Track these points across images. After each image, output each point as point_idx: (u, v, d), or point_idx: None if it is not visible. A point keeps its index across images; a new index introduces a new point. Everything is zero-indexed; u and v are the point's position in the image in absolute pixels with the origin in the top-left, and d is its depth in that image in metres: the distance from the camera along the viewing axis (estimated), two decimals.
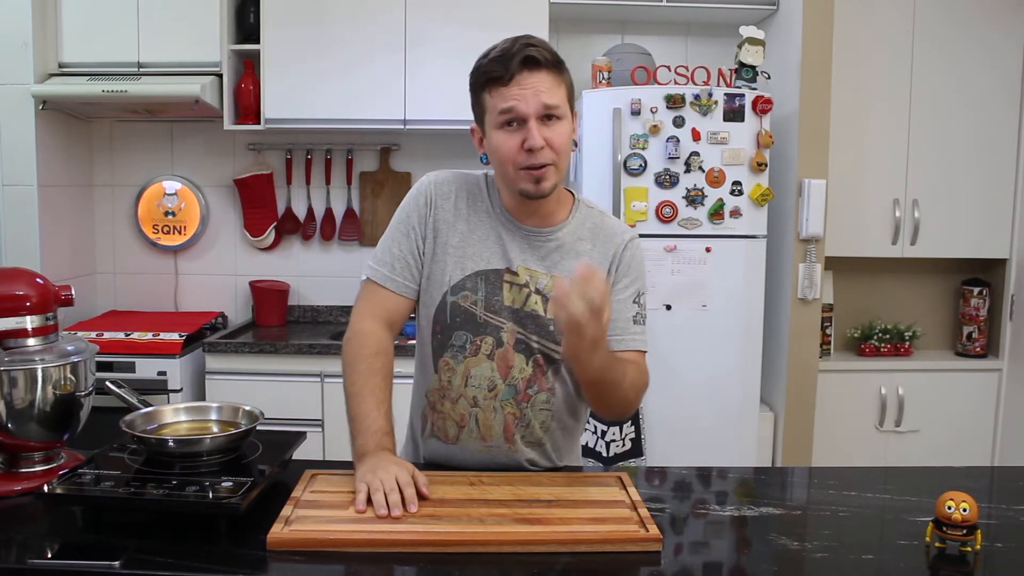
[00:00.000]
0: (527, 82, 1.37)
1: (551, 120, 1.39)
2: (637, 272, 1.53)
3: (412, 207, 1.51)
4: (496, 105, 1.39)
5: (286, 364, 2.99)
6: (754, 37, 2.94)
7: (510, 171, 1.41)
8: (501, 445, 1.49)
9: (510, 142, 1.39)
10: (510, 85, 1.37)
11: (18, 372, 1.36)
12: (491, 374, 1.47)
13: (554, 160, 1.39)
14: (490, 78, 1.39)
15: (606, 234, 1.52)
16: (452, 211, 1.50)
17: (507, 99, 1.37)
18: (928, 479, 1.55)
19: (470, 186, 1.53)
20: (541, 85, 1.37)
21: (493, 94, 1.40)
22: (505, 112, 1.38)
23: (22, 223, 3.04)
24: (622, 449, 2.88)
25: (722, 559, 1.21)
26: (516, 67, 1.36)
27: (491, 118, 1.41)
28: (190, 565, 1.09)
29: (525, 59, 1.36)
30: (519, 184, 1.41)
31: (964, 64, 3.26)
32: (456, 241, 1.48)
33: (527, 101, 1.36)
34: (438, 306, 1.48)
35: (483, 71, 1.41)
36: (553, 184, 1.41)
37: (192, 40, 3.11)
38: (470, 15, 3.12)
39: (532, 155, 1.37)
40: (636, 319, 1.51)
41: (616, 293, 1.50)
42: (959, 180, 3.30)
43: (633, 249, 1.53)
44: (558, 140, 1.39)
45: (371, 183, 3.52)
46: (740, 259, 2.93)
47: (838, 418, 3.28)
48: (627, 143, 2.86)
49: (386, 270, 1.49)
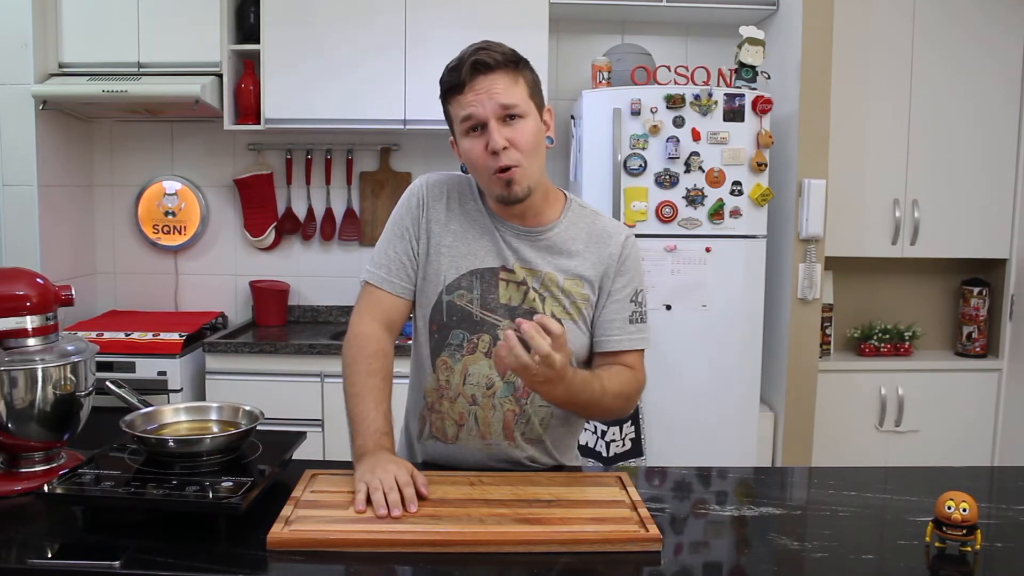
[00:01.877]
0: (480, 86, 1.38)
1: (513, 120, 1.39)
2: (635, 270, 1.53)
3: (405, 210, 1.53)
4: (457, 113, 1.41)
5: (286, 364, 2.99)
6: (754, 37, 2.94)
7: (484, 177, 1.43)
8: (501, 443, 1.49)
9: (476, 148, 1.40)
10: (465, 92, 1.39)
11: (18, 372, 1.36)
12: (489, 372, 1.47)
13: (519, 160, 1.39)
14: (449, 87, 1.41)
15: (601, 235, 1.52)
16: (445, 211, 1.51)
17: (465, 106, 1.39)
18: (928, 479, 1.55)
19: (462, 187, 1.54)
20: (495, 86, 1.38)
21: (453, 103, 1.42)
22: (466, 120, 1.40)
23: (22, 223, 3.04)
24: (622, 449, 2.88)
25: (722, 559, 1.21)
26: (467, 73, 1.38)
27: (457, 127, 1.43)
28: (190, 565, 1.09)
29: (474, 64, 1.38)
30: (493, 189, 1.43)
31: (964, 64, 3.26)
32: (450, 241, 1.49)
33: (483, 105, 1.38)
34: (434, 305, 1.49)
35: (443, 82, 1.43)
36: (526, 186, 1.41)
37: (192, 40, 3.11)
38: (470, 15, 3.12)
39: (496, 157, 1.38)
40: (633, 318, 1.51)
41: (614, 293, 1.50)
42: (959, 180, 3.31)
43: (630, 247, 1.53)
44: (521, 139, 1.39)
45: (371, 183, 3.52)
46: (740, 259, 2.93)
47: (838, 418, 3.28)
48: (627, 143, 2.86)
49: (383, 272, 1.50)
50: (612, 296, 1.50)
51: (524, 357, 1.24)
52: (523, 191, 1.41)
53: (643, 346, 1.52)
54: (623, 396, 1.46)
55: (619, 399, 1.45)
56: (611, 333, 1.50)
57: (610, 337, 1.50)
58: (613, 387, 1.43)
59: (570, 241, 1.50)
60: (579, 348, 1.49)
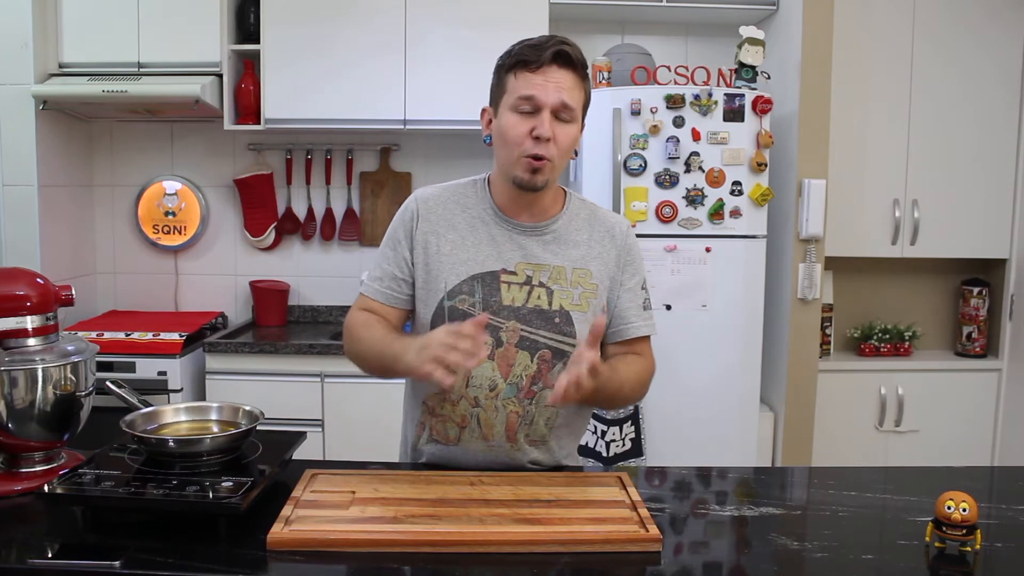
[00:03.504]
0: (554, 75, 1.40)
1: (563, 120, 1.42)
2: (639, 260, 1.59)
3: (398, 223, 1.55)
4: (518, 88, 1.41)
5: (286, 364, 2.99)
6: (754, 37, 2.94)
7: (512, 154, 1.43)
8: (503, 444, 1.49)
9: (520, 127, 1.41)
10: (537, 73, 1.40)
11: (18, 372, 1.36)
12: (492, 374, 1.47)
13: (554, 156, 1.42)
14: (520, 60, 1.42)
15: (603, 225, 1.57)
16: (439, 222, 1.52)
17: (531, 85, 1.40)
18: (928, 479, 1.55)
19: (459, 195, 1.55)
20: (565, 82, 1.41)
21: (519, 76, 1.42)
22: (525, 98, 1.40)
23: (22, 223, 3.04)
24: (622, 449, 2.88)
25: (722, 559, 1.21)
26: (548, 57, 1.40)
27: (508, 99, 1.43)
28: (190, 565, 1.09)
29: (558, 53, 1.40)
30: (515, 170, 1.44)
31: (964, 64, 3.26)
32: (449, 249, 1.50)
33: (548, 92, 1.40)
34: (435, 312, 1.49)
35: (515, 54, 1.43)
36: (546, 180, 1.45)
37: (192, 40, 3.11)
38: (470, 15, 3.12)
39: (537, 144, 1.40)
40: (645, 305, 1.58)
41: (625, 283, 1.56)
42: (959, 180, 3.30)
43: (632, 238, 1.59)
44: (564, 140, 1.43)
45: (371, 183, 3.52)
46: (740, 259, 2.93)
47: (838, 418, 3.29)
48: (627, 143, 2.86)
49: (377, 284, 1.54)
50: (624, 286, 1.55)
51: (586, 384, 1.28)
52: (543, 183, 1.45)
53: (654, 332, 1.59)
54: (638, 383, 1.53)
55: (636, 387, 1.53)
56: (629, 321, 1.55)
57: (628, 325, 1.55)
58: (631, 379, 1.50)
59: (574, 232, 1.54)
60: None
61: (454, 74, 3.12)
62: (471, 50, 3.11)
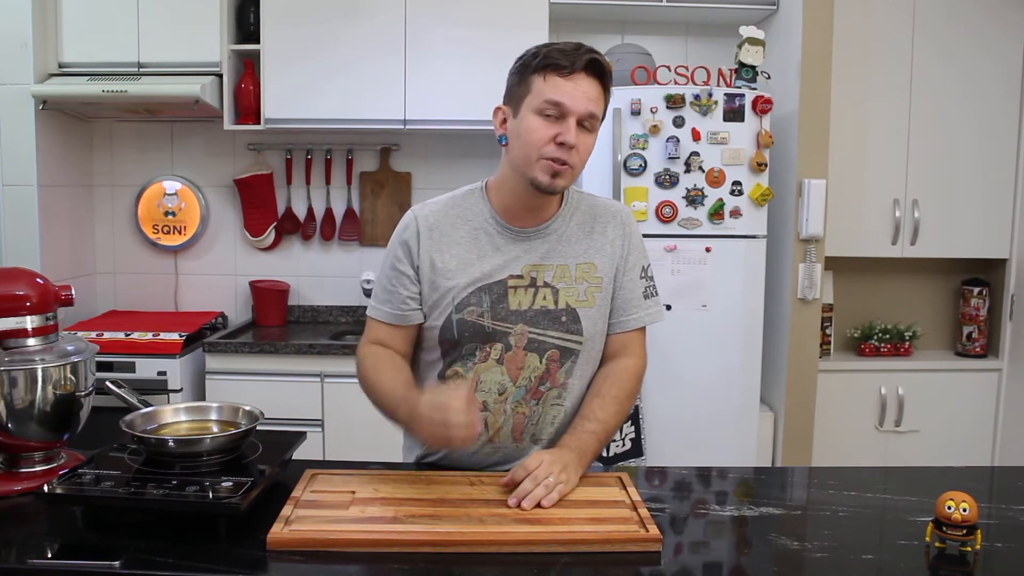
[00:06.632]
0: (584, 84, 1.40)
1: (585, 129, 1.42)
2: (640, 246, 1.59)
3: (398, 241, 1.53)
4: (545, 91, 1.39)
5: (286, 364, 2.99)
6: (754, 37, 2.94)
7: (532, 156, 1.41)
8: (508, 444, 1.50)
9: (544, 131, 1.40)
10: (567, 79, 1.39)
11: (18, 372, 1.36)
12: (501, 378, 1.48)
13: (575, 163, 1.42)
14: (551, 63, 1.40)
15: (603, 213, 1.56)
16: (441, 239, 1.49)
17: (560, 91, 1.39)
18: (928, 479, 1.55)
19: (457, 208, 1.53)
20: (592, 92, 1.41)
21: (548, 80, 1.40)
22: (553, 103, 1.39)
23: (22, 223, 3.04)
24: (622, 449, 2.88)
25: (722, 559, 1.21)
26: (581, 65, 1.39)
27: (533, 101, 1.41)
28: (190, 565, 1.09)
29: (591, 62, 1.40)
30: (534, 172, 1.41)
31: (964, 64, 3.26)
32: (454, 264, 1.48)
33: (577, 101, 1.39)
34: (443, 326, 1.48)
35: (545, 55, 1.41)
36: (565, 184, 1.44)
37: (192, 40, 3.11)
38: (470, 15, 3.12)
39: (562, 149, 1.39)
40: (647, 292, 1.57)
41: (628, 272, 1.55)
42: (959, 180, 3.30)
43: (633, 224, 1.59)
44: (584, 148, 1.43)
45: (371, 183, 3.52)
46: (740, 259, 2.93)
47: (838, 418, 3.28)
48: (627, 143, 2.86)
49: (386, 307, 1.52)
50: (627, 275, 1.55)
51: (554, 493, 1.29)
52: (559, 188, 1.44)
53: (659, 319, 1.58)
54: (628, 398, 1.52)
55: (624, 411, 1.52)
56: (630, 312, 1.54)
57: (629, 316, 1.54)
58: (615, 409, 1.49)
59: (575, 226, 1.53)
60: (602, 329, 1.54)
61: (454, 74, 3.12)
62: (471, 50, 3.11)
